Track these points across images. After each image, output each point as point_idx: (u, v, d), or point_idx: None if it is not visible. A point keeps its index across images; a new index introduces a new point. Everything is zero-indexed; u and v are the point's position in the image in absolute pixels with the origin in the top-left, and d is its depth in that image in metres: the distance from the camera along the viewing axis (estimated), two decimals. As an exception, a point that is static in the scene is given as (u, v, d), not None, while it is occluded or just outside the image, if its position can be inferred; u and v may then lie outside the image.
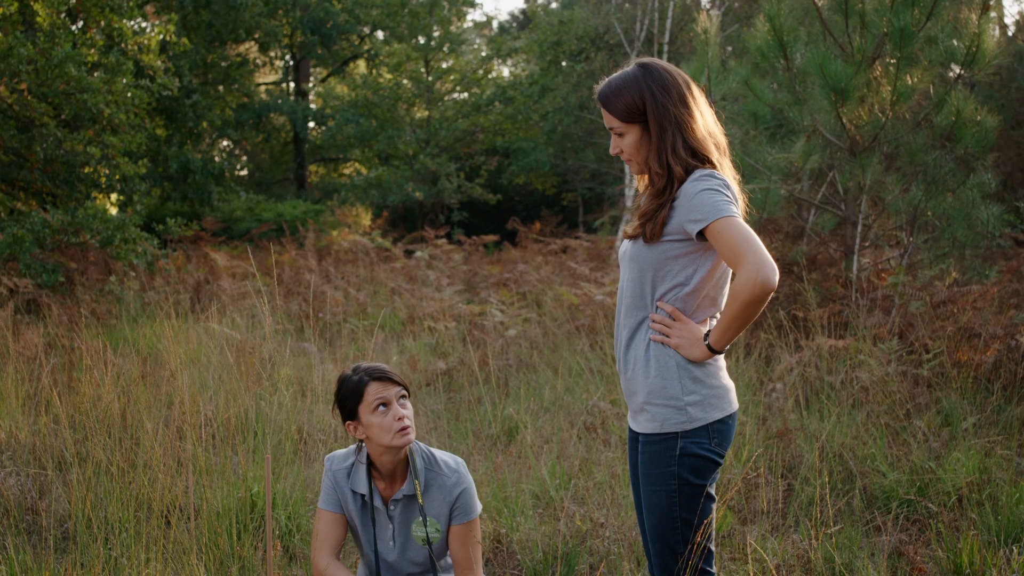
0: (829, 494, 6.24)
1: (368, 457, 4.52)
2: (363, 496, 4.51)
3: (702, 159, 3.76)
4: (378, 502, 4.50)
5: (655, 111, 3.75)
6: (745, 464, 6.74)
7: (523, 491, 6.53)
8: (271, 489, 4.66)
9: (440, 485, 4.49)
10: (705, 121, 3.82)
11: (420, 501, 4.42)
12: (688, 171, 3.73)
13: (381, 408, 4.35)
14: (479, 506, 4.55)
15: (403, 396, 4.42)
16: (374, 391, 4.35)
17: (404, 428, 4.36)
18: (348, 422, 4.45)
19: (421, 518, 4.43)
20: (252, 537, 5.79)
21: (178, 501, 5.70)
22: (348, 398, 4.41)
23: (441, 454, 4.57)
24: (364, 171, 30.76)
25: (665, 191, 3.76)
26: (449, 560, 4.65)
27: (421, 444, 4.57)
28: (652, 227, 3.75)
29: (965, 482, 6.27)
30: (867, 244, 10.63)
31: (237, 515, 5.85)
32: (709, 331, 3.75)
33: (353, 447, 4.61)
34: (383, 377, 4.37)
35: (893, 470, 6.60)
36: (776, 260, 9.99)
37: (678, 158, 3.73)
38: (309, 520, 6.24)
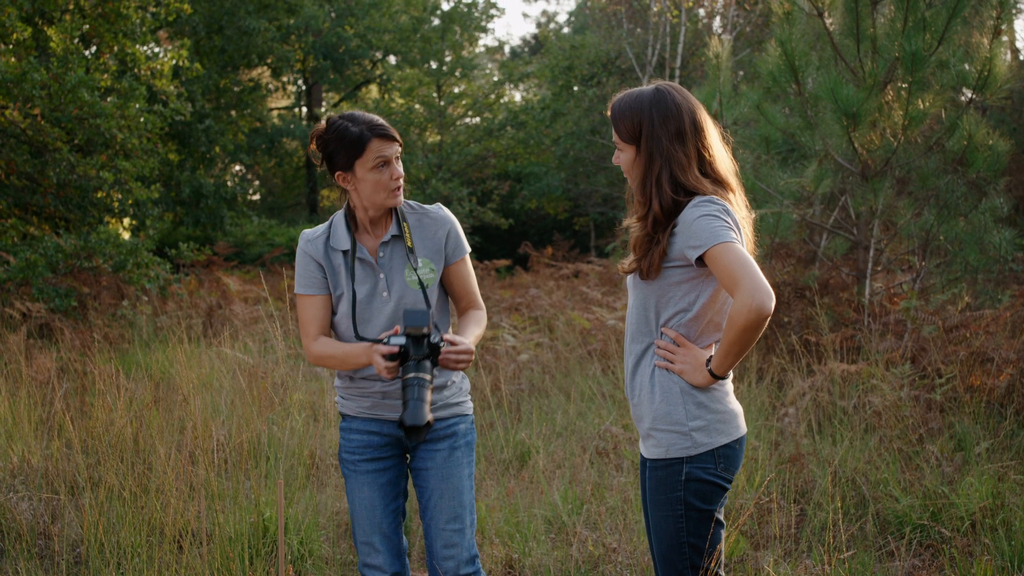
0: (842, 519, 6.23)
1: (347, 215, 4.44)
2: (344, 252, 4.38)
3: (689, 194, 3.75)
4: (364, 254, 4.37)
5: (648, 139, 3.76)
6: (757, 489, 6.73)
7: (535, 516, 6.53)
8: (283, 514, 4.66)
9: (427, 225, 4.42)
10: (706, 161, 3.80)
11: (409, 244, 4.34)
12: (671, 207, 3.73)
13: (381, 166, 4.23)
14: (468, 245, 4.50)
15: (399, 152, 4.29)
16: (377, 148, 4.20)
17: (398, 188, 4.28)
18: (339, 173, 4.31)
19: (411, 261, 4.33)
20: (264, 562, 5.79)
21: (190, 526, 5.70)
22: (346, 151, 4.24)
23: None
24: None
25: (646, 220, 3.78)
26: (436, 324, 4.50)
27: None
28: (648, 264, 3.77)
29: (978, 507, 6.25)
30: (879, 268, 10.63)
31: (249, 540, 5.85)
32: (712, 356, 3.76)
33: (325, 224, 4.50)
34: (386, 134, 4.22)
35: (906, 495, 6.59)
36: (788, 285, 10.00)
37: (661, 192, 3.73)
38: (321, 545, 6.25)
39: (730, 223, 3.64)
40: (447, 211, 4.48)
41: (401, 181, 4.28)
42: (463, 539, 4.40)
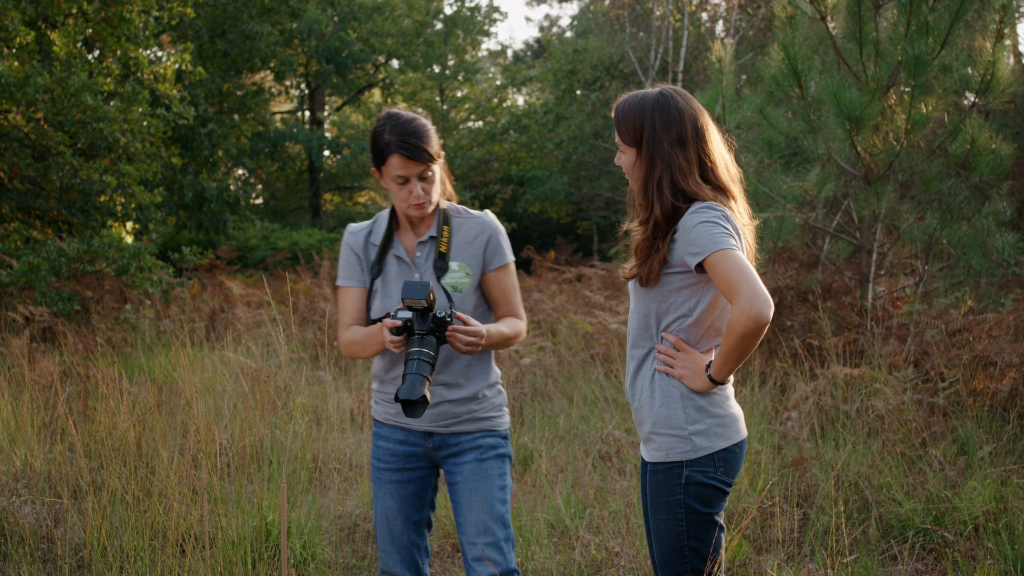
0: (845, 523, 6.22)
1: (392, 210, 4.39)
2: (381, 246, 4.33)
3: (689, 200, 3.74)
4: (401, 251, 4.31)
5: (650, 143, 3.75)
6: (760, 493, 6.72)
7: (538, 520, 6.53)
8: (286, 518, 4.65)
9: (469, 228, 4.35)
10: (707, 168, 3.79)
11: (442, 248, 4.26)
12: (671, 212, 3.72)
13: (401, 183, 4.16)
14: (512, 255, 4.39)
15: (428, 171, 4.19)
16: (396, 165, 4.15)
17: (419, 205, 4.20)
18: (374, 168, 4.26)
19: (436, 267, 4.25)
20: (267, 566, 5.79)
21: (193, 530, 5.70)
22: (375, 154, 4.21)
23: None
24: (379, 200, 30.74)
25: (647, 224, 3.78)
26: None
27: (448, 203, 4.40)
28: (647, 271, 3.77)
29: (981, 511, 6.25)
30: (882, 272, 10.62)
31: (252, 544, 5.85)
32: (711, 362, 3.76)
33: (372, 219, 4.46)
34: (408, 154, 4.12)
35: (909, 499, 6.59)
36: (791, 289, 10.00)
37: (662, 197, 3.73)
38: (324, 549, 6.25)
39: (729, 229, 3.64)
40: (493, 217, 4.40)
41: (423, 200, 4.20)
42: (496, 553, 4.28)
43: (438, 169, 4.25)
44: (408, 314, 4.01)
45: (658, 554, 3.86)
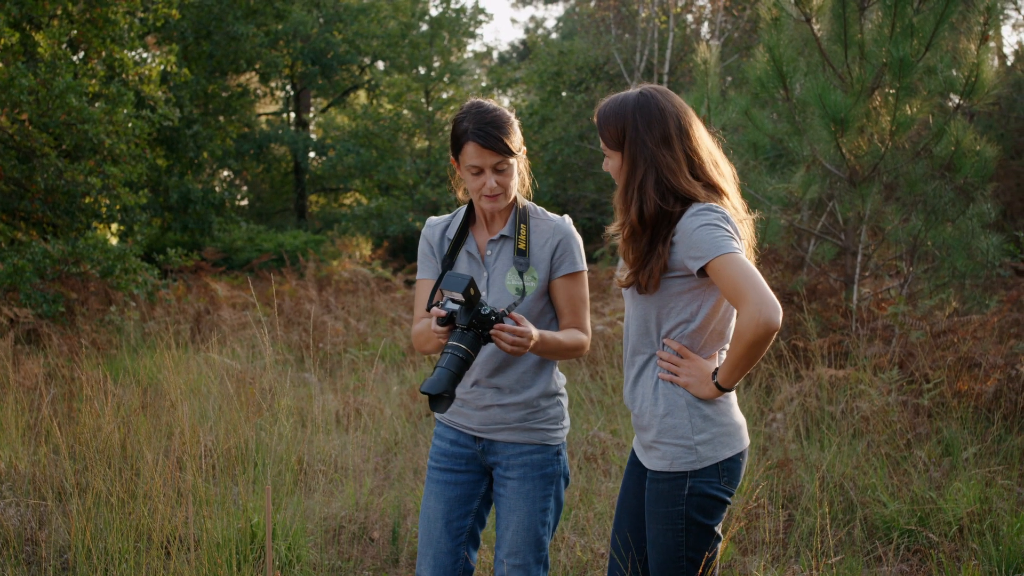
0: (830, 524, 6.23)
1: (470, 205, 4.31)
2: (454, 241, 4.25)
3: (682, 200, 3.67)
4: (472, 248, 4.24)
5: (632, 144, 3.69)
6: (746, 495, 6.73)
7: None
8: (271, 520, 4.63)
9: (541, 231, 4.22)
10: (696, 164, 3.72)
11: (521, 246, 4.14)
12: (656, 214, 3.65)
13: (475, 173, 4.07)
14: (585, 264, 4.24)
15: (504, 163, 4.10)
16: (470, 154, 4.06)
17: (492, 197, 4.11)
18: (452, 157, 4.17)
19: (516, 264, 4.14)
20: (252, 568, 5.78)
21: (178, 532, 5.69)
22: (452, 142, 4.13)
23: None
24: (364, 201, 30.72)
25: (622, 229, 3.72)
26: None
27: (529, 203, 4.30)
28: (647, 277, 3.69)
29: (966, 512, 6.26)
30: (867, 274, 10.64)
31: (237, 546, 5.84)
32: (718, 368, 3.71)
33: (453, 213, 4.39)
34: (485, 143, 4.01)
35: (894, 500, 6.59)
36: (776, 290, 10.00)
37: (643, 198, 3.65)
38: (309, 551, 6.24)
39: (731, 232, 3.57)
40: (569, 223, 4.26)
41: (496, 192, 4.09)
42: (522, 575, 4.20)
43: (516, 164, 4.16)
44: (456, 306, 3.90)
45: (654, 563, 3.79)
